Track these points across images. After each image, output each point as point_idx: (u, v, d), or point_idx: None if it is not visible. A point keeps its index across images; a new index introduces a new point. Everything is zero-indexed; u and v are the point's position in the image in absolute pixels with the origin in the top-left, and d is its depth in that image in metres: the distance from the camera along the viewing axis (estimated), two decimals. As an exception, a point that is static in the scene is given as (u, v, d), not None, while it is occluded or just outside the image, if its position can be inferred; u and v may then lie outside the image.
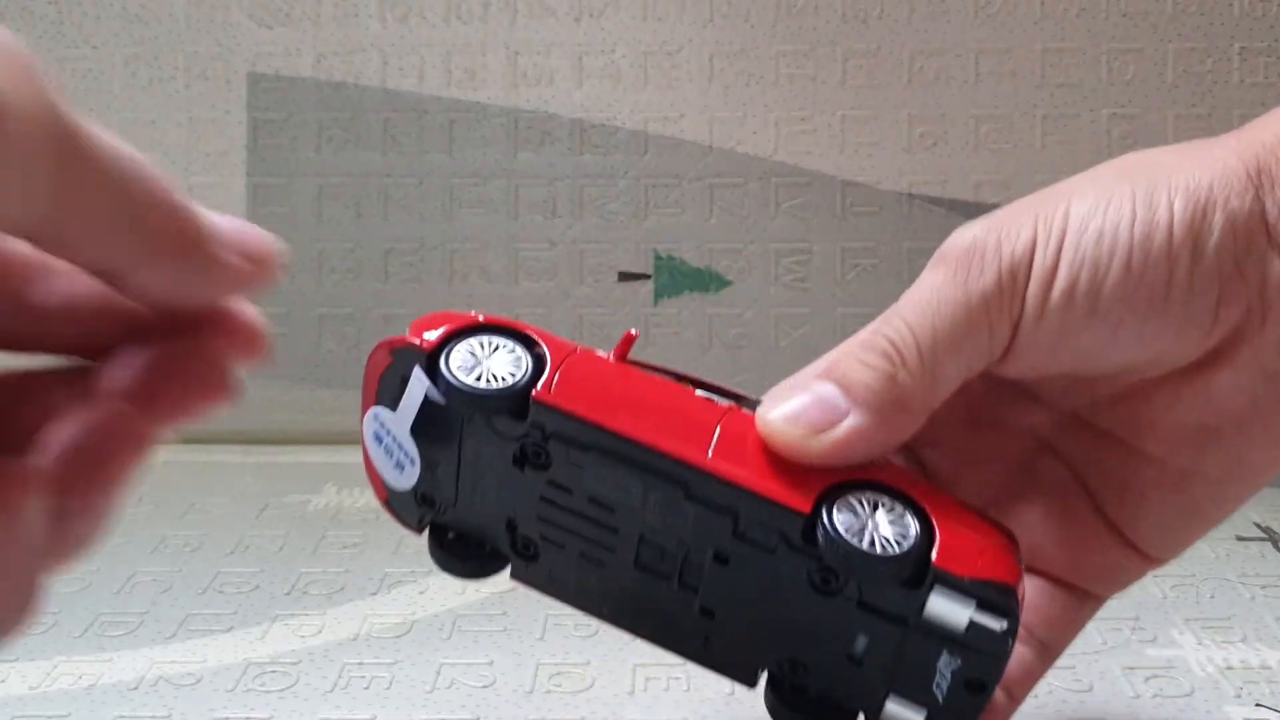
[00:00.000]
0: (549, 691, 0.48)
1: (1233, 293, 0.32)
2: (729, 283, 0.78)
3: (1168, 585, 0.56)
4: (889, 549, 0.31)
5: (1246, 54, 0.76)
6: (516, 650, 0.51)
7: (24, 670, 0.49)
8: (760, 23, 0.77)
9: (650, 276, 0.78)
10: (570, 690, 0.48)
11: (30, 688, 0.48)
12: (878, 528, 0.32)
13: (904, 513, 0.32)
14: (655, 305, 0.78)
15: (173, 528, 0.64)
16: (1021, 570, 0.32)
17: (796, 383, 0.34)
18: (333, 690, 0.48)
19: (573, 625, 0.53)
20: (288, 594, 0.57)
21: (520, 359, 0.34)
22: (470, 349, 0.34)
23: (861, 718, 0.35)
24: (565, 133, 0.78)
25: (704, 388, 0.36)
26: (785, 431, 0.32)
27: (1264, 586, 0.56)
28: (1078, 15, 0.76)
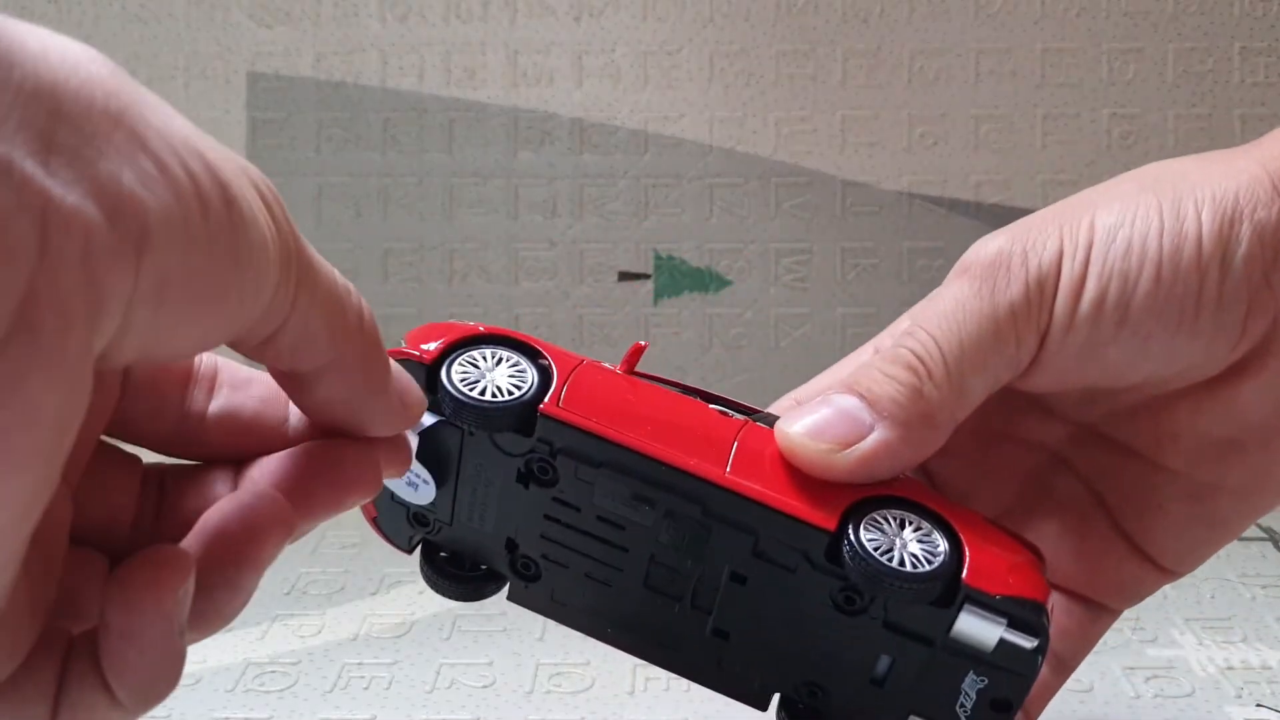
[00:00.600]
0: (549, 691, 0.48)
1: (1261, 305, 0.32)
2: (729, 283, 0.78)
3: (1168, 585, 0.56)
4: (919, 567, 0.30)
5: (1247, 54, 0.76)
6: (516, 650, 0.51)
7: (23, 670, 0.49)
8: (760, 23, 0.77)
9: (650, 276, 0.78)
10: (570, 690, 0.48)
11: (30, 688, 0.48)
12: (906, 545, 0.31)
13: (931, 530, 0.31)
14: (655, 305, 0.78)
15: (172, 528, 0.64)
16: (1049, 588, 0.32)
17: (809, 395, 0.34)
18: (332, 690, 0.48)
19: (573, 625, 0.53)
20: (287, 594, 0.57)
21: (525, 371, 0.33)
22: (472, 361, 0.33)
23: None
24: (565, 133, 0.78)
25: (715, 401, 0.34)
26: (808, 446, 0.32)
27: (1264, 586, 0.56)
28: (1078, 15, 0.76)
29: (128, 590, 0.22)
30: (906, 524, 0.31)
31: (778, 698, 0.35)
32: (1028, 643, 0.30)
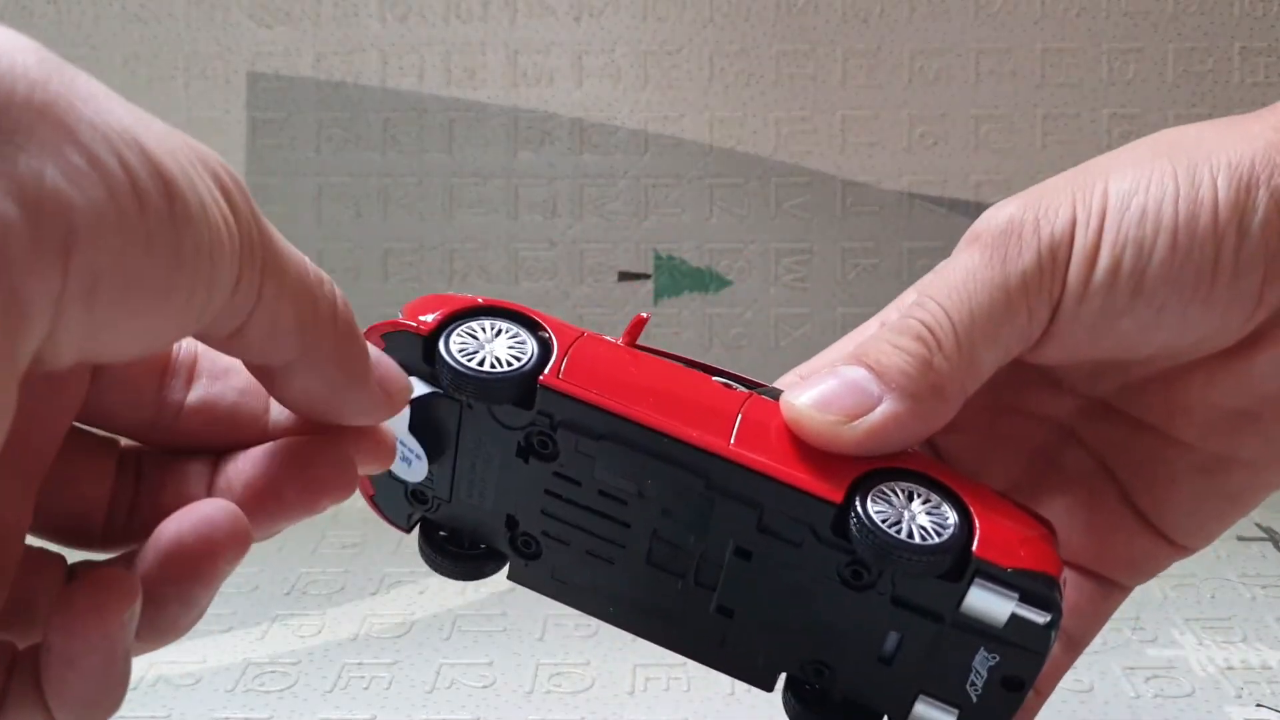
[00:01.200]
0: (549, 691, 0.48)
1: (1277, 272, 0.31)
2: (729, 282, 0.78)
3: (1168, 585, 0.56)
4: (928, 540, 0.29)
5: (1247, 54, 0.76)
6: (516, 650, 0.51)
7: (23, 670, 0.49)
8: (760, 23, 0.77)
9: (650, 276, 0.78)
10: (570, 690, 0.48)
11: (30, 688, 0.48)
12: (914, 518, 0.30)
13: (940, 502, 0.30)
14: (655, 305, 0.78)
15: (172, 528, 0.64)
16: (1061, 561, 0.31)
17: (818, 368, 0.33)
18: (332, 690, 0.48)
19: (573, 625, 0.53)
20: (287, 594, 0.57)
21: (525, 342, 0.32)
22: (471, 332, 0.32)
23: None
24: (565, 132, 0.78)
25: (718, 374, 0.34)
26: (815, 418, 0.31)
27: (1264, 586, 0.56)
28: (1078, 15, 0.76)
29: (70, 615, 0.21)
30: (915, 496, 0.30)
31: (784, 678, 0.34)
32: (1041, 618, 0.30)
